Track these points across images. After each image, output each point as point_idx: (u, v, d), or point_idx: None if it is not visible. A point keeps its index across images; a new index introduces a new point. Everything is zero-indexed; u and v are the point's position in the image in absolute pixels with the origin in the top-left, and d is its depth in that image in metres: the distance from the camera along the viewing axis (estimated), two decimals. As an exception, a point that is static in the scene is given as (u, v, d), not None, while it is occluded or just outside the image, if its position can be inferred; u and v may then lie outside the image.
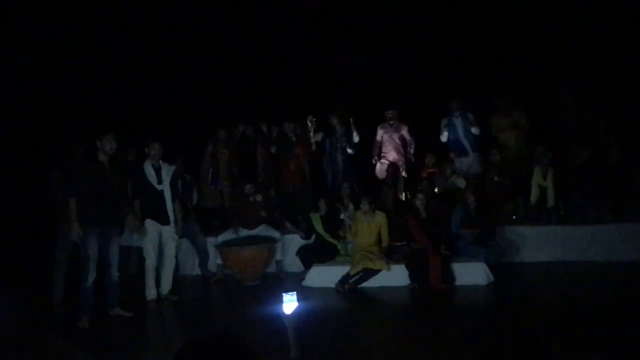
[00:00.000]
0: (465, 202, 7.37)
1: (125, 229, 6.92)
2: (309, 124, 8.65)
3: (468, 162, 8.69)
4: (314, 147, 8.80)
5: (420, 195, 7.20)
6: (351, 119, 8.67)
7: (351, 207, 7.65)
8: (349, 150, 8.66)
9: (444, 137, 8.82)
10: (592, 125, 8.59)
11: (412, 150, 8.91)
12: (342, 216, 7.33)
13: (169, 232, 6.55)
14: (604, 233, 7.49)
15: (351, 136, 8.68)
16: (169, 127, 9.06)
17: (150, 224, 6.48)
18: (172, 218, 6.52)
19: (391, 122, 8.88)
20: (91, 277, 5.72)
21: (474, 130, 8.66)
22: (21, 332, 5.51)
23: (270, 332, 5.11)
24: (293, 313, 2.22)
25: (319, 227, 7.48)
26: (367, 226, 7.11)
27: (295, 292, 2.26)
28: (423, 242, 6.89)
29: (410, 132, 8.92)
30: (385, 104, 9.02)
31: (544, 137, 8.68)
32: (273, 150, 8.77)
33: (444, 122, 8.82)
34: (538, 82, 9.41)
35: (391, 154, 8.85)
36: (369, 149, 9.02)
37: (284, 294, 2.27)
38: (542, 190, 8.04)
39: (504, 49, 9.66)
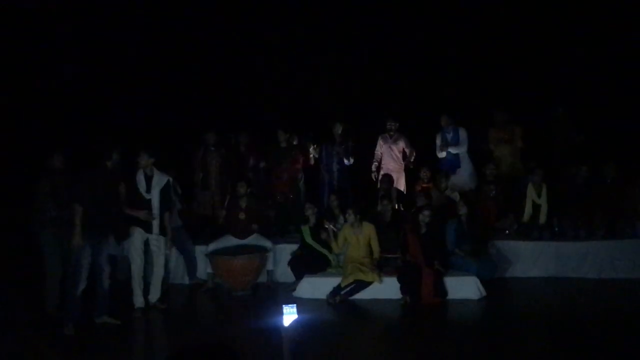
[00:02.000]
0: (458, 215, 7.35)
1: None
2: (311, 151, 8.63)
3: (462, 177, 8.69)
4: (312, 161, 8.79)
5: (426, 212, 7.12)
6: (350, 143, 8.67)
7: (341, 218, 7.62)
8: (346, 161, 8.63)
9: (442, 154, 8.83)
10: (585, 142, 8.64)
11: (412, 158, 8.88)
12: (326, 225, 7.29)
13: (156, 239, 6.50)
14: (596, 250, 7.48)
15: (349, 147, 8.66)
16: (163, 135, 9.01)
17: (136, 231, 6.43)
18: (155, 229, 6.45)
19: (391, 133, 8.88)
20: (82, 285, 5.68)
21: (452, 149, 8.70)
22: (7, 341, 5.42)
23: (260, 342, 5.09)
24: (291, 325, 2.18)
25: (308, 238, 7.45)
26: (356, 239, 7.07)
27: (295, 305, 2.22)
28: (417, 256, 6.85)
29: (409, 144, 8.93)
30: (382, 116, 9.03)
31: (539, 153, 8.73)
32: (262, 164, 8.71)
33: (438, 138, 8.85)
34: (534, 97, 9.46)
35: (389, 166, 8.85)
36: (367, 160, 9.01)
37: (284, 306, 2.23)
38: (536, 207, 8.05)
39: (502, 62, 9.71)
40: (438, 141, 8.85)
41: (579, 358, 4.82)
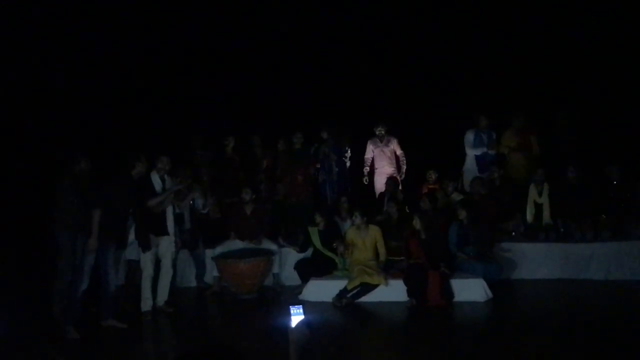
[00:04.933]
0: (459, 219, 7.35)
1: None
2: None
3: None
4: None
5: (415, 217, 7.10)
6: (343, 143, 8.78)
7: (348, 223, 7.61)
8: (345, 160, 8.69)
9: (477, 151, 8.76)
10: (591, 144, 8.60)
11: (403, 168, 8.95)
12: (335, 245, 7.25)
13: (166, 242, 6.52)
14: (602, 251, 7.45)
15: (342, 148, 8.73)
16: (178, 138, 9.03)
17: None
18: (171, 229, 6.51)
19: (381, 137, 8.90)
20: (82, 287, 5.71)
21: (492, 151, 8.70)
22: (15, 344, 5.44)
23: (267, 344, 5.09)
24: (297, 326, 2.17)
25: (316, 241, 7.43)
26: (362, 242, 7.06)
27: (302, 306, 2.21)
28: (421, 259, 6.83)
29: (400, 145, 8.98)
30: (378, 119, 9.05)
31: (543, 155, 8.72)
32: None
33: (470, 136, 8.79)
34: (538, 100, 9.45)
35: (385, 168, 8.86)
36: (359, 163, 9.05)
37: (290, 306, 2.22)
38: (538, 207, 8.04)
39: (504, 65, 9.69)
40: (471, 137, 8.78)
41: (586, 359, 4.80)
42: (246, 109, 9.99)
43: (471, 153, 8.82)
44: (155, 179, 6.50)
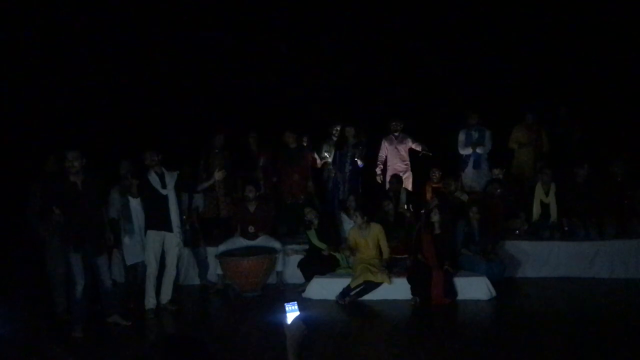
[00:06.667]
0: (468, 217, 7.33)
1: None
2: (325, 155, 8.71)
3: (472, 176, 8.67)
4: (319, 164, 8.79)
5: (435, 211, 7.11)
6: (364, 139, 8.73)
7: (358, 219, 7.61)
8: (359, 163, 8.62)
9: (467, 150, 8.81)
10: (594, 142, 8.58)
11: (422, 147, 8.80)
12: (344, 253, 7.26)
13: (171, 239, 6.53)
14: (607, 249, 7.43)
15: (363, 148, 8.67)
16: (172, 136, 9.04)
17: (152, 234, 6.48)
18: (175, 224, 6.50)
19: (396, 134, 8.86)
20: (80, 286, 5.67)
21: (479, 150, 8.70)
22: (20, 343, 5.47)
23: (269, 342, 5.11)
24: (293, 323, 2.18)
25: (315, 240, 7.45)
26: (365, 241, 7.05)
27: (296, 302, 2.23)
28: (430, 256, 6.82)
29: (415, 142, 8.93)
30: (389, 117, 9.02)
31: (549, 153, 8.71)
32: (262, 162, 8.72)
33: (462, 135, 8.83)
34: (539, 98, 9.43)
35: (396, 167, 8.84)
36: (372, 161, 9.01)
37: (285, 304, 2.23)
38: (545, 206, 8.02)
39: (506, 61, 9.67)
40: (462, 137, 8.84)
41: (590, 358, 4.78)
42: (244, 106, 9.99)
43: (462, 153, 8.88)
44: (152, 176, 6.45)
